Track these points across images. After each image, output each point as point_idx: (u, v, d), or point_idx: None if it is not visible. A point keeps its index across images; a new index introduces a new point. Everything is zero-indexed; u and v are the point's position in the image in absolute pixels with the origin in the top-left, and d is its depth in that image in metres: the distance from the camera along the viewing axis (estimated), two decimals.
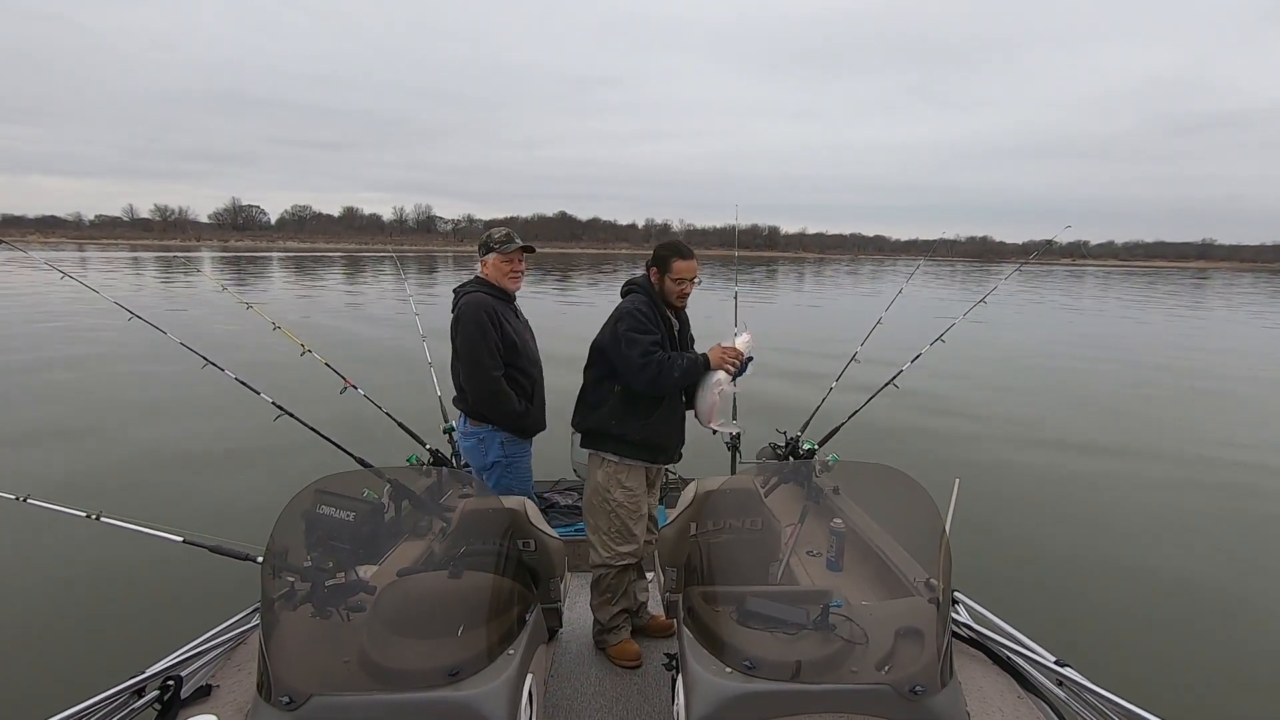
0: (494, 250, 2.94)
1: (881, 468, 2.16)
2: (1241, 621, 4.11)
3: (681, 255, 2.70)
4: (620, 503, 2.77)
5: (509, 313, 3.00)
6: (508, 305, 3.02)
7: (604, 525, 2.81)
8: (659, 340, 2.63)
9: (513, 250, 2.95)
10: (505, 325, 2.93)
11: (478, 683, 1.60)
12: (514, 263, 2.98)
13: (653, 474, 2.91)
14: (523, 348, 3.00)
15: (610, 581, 2.85)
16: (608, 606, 2.88)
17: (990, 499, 5.88)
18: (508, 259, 2.96)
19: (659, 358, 2.58)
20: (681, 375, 2.60)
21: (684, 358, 2.63)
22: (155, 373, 10.84)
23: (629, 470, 2.77)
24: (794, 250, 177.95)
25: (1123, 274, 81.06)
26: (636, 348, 2.58)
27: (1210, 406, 9.77)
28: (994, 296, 4.06)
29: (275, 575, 1.77)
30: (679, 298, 2.74)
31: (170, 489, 6.28)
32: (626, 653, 2.87)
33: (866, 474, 2.68)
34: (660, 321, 2.70)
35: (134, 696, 1.79)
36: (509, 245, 2.94)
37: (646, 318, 2.64)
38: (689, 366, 2.61)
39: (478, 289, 2.96)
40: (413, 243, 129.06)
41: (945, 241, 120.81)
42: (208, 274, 30.48)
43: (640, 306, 2.67)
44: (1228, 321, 23.47)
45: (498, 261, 2.96)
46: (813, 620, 1.73)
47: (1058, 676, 1.90)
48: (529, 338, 3.09)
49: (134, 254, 57.93)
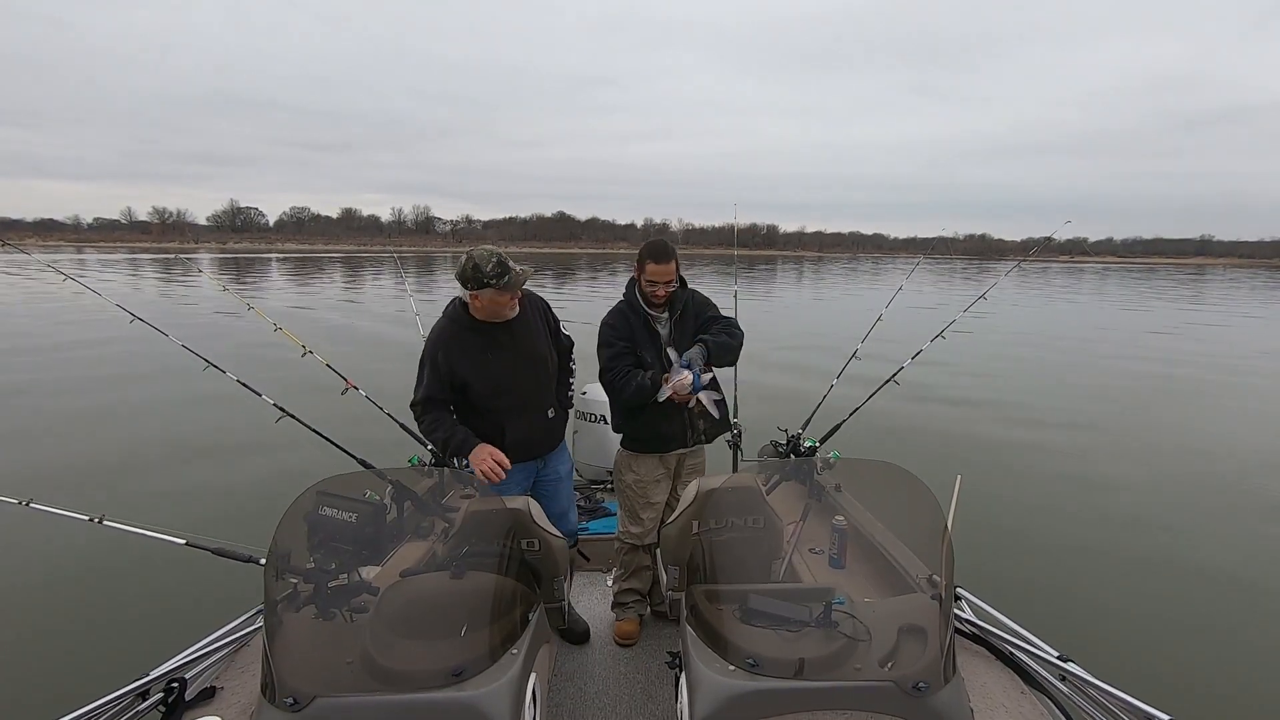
0: (487, 284, 2.48)
1: (883, 464, 2.17)
2: (1245, 615, 4.11)
3: (655, 258, 2.71)
4: (630, 485, 2.97)
5: (473, 344, 2.62)
6: (478, 334, 2.63)
7: (621, 503, 3.06)
8: (620, 352, 2.78)
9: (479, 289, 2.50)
10: (460, 357, 2.62)
11: (481, 683, 1.61)
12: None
13: (670, 460, 2.99)
14: (485, 379, 2.65)
15: (623, 557, 3.06)
16: (619, 580, 3.10)
17: (992, 495, 5.88)
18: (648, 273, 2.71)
19: (618, 371, 2.76)
20: (632, 394, 2.73)
21: (635, 380, 2.73)
22: (157, 375, 10.85)
23: (638, 458, 2.95)
24: (793, 249, 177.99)
25: (1120, 270, 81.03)
26: (601, 361, 2.82)
27: (1213, 400, 9.77)
28: (994, 292, 4.06)
29: (278, 577, 1.77)
30: (653, 299, 2.78)
31: (173, 491, 6.29)
32: (622, 630, 3.05)
33: (868, 471, 2.68)
34: (637, 328, 2.80)
35: (138, 699, 1.79)
36: (474, 285, 2.49)
37: (614, 329, 2.81)
38: (637, 389, 2.71)
39: (451, 311, 2.67)
40: (411, 243, 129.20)
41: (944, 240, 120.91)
42: (208, 274, 30.46)
43: (612, 320, 2.84)
44: (1229, 315, 23.46)
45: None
46: (815, 618, 1.73)
47: (1061, 672, 1.90)
48: (516, 364, 2.69)
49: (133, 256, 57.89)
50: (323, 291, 29.09)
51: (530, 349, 2.74)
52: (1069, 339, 16.56)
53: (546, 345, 2.81)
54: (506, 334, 2.67)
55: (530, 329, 2.75)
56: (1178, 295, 36.12)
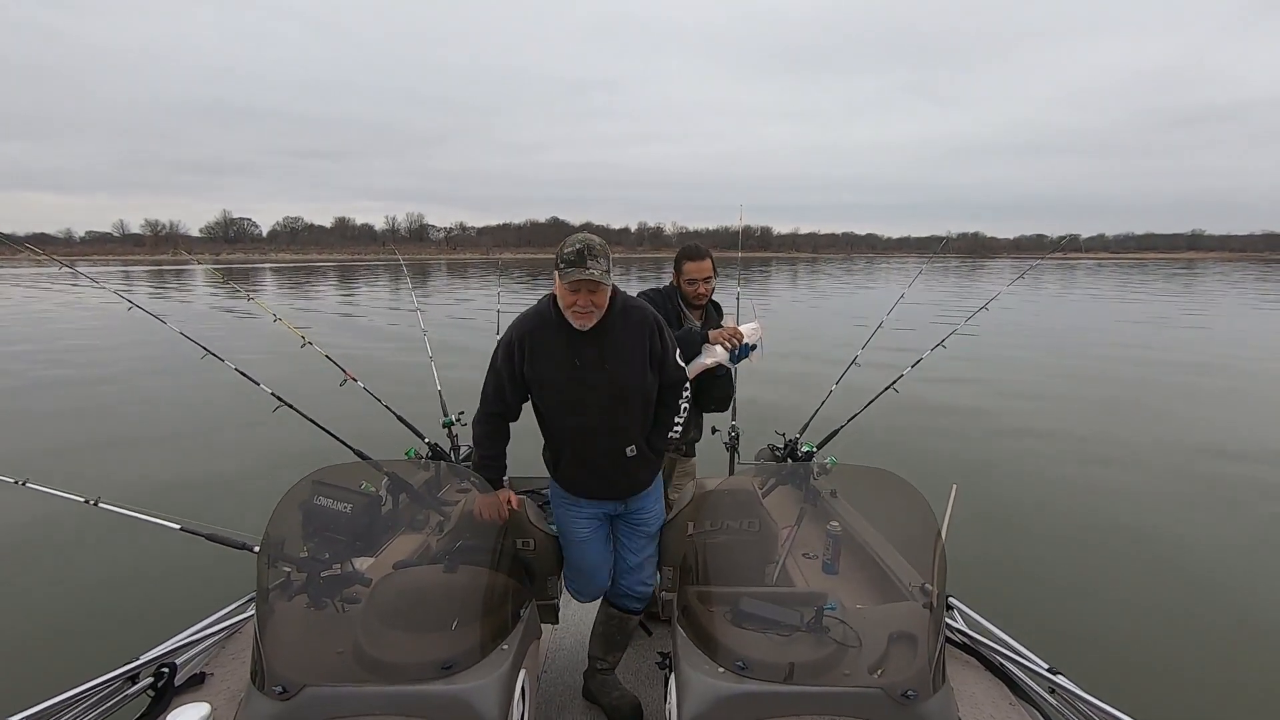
0: (557, 270, 2.13)
1: (879, 472, 2.17)
2: (1236, 632, 4.11)
3: (690, 257, 2.91)
4: None
5: (558, 343, 2.23)
6: (565, 333, 2.22)
7: None
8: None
9: (573, 279, 2.09)
10: (537, 359, 2.26)
11: (470, 677, 1.61)
12: (577, 294, 2.13)
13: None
14: (554, 389, 2.27)
15: None
16: None
17: (986, 506, 5.88)
18: (566, 283, 2.12)
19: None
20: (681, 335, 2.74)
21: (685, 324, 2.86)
22: (154, 362, 10.85)
23: None
24: (787, 250, 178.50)
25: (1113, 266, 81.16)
26: None
27: (1208, 405, 9.75)
28: (990, 292, 4.07)
29: (271, 565, 1.78)
30: (696, 297, 2.93)
31: (168, 477, 6.29)
32: None
33: (864, 478, 2.68)
34: (670, 316, 2.86)
35: (128, 683, 1.80)
36: (569, 271, 2.08)
37: (653, 303, 2.85)
38: (683, 337, 2.71)
39: (540, 305, 2.30)
40: (405, 251, 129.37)
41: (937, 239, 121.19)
42: (207, 276, 30.46)
43: (652, 295, 2.95)
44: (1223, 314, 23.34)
45: (559, 285, 2.17)
46: (807, 622, 1.73)
47: (1050, 684, 1.90)
48: (594, 385, 2.24)
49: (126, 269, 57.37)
50: (322, 296, 29.03)
51: (614, 373, 2.25)
52: (1067, 337, 16.49)
53: (641, 374, 2.30)
54: (594, 347, 2.23)
55: (622, 351, 2.26)
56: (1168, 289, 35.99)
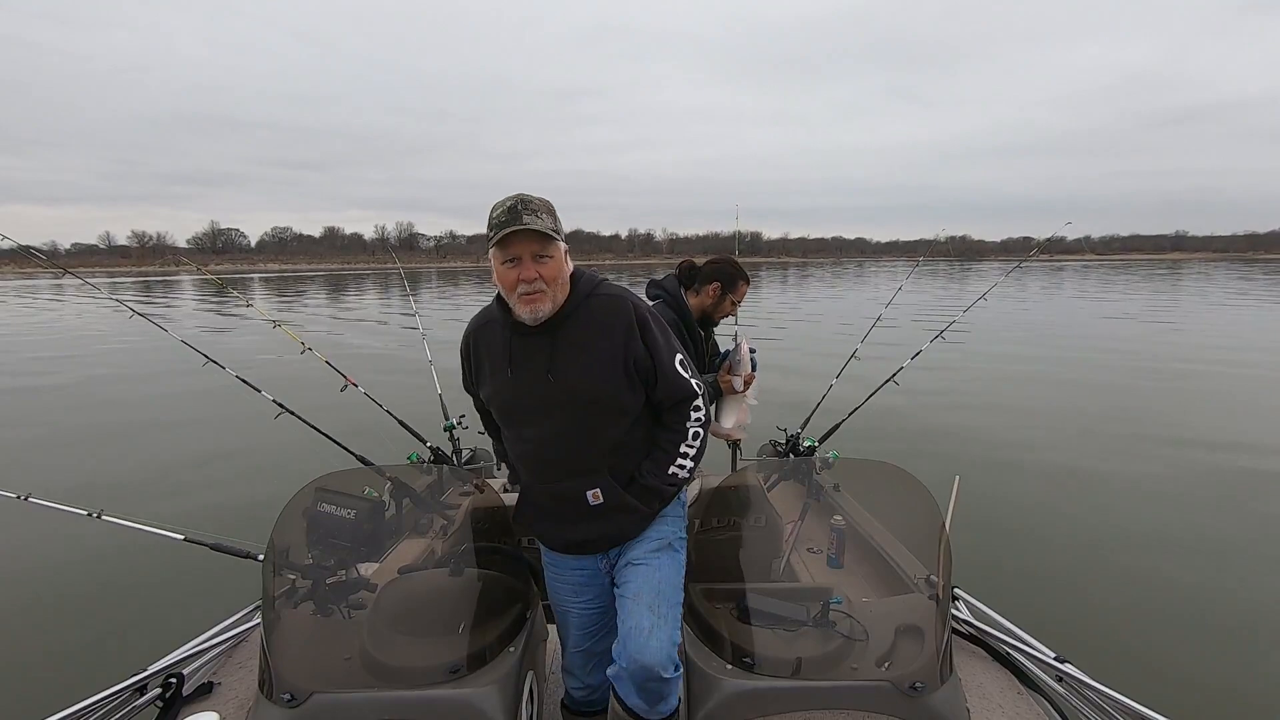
0: (490, 246, 1.60)
1: (881, 465, 2.17)
2: (1242, 617, 4.11)
3: (745, 277, 2.75)
4: None
5: (496, 343, 1.71)
6: (508, 330, 1.68)
7: None
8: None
9: (507, 244, 1.57)
10: (481, 366, 1.77)
11: (478, 680, 1.61)
12: (516, 266, 1.58)
13: None
14: (499, 402, 1.75)
15: None
16: None
17: (990, 495, 5.88)
18: (501, 257, 1.59)
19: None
20: None
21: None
22: (156, 371, 10.85)
23: None
24: (777, 255, 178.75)
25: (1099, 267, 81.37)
26: None
27: (1207, 397, 9.76)
28: (983, 290, 4.08)
29: (276, 573, 1.77)
30: (725, 315, 2.80)
31: (171, 487, 6.29)
32: None
33: (867, 471, 2.68)
34: (688, 336, 2.62)
35: (136, 694, 1.80)
36: (503, 235, 1.56)
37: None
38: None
39: (490, 305, 1.78)
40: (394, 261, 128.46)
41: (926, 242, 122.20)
42: (196, 286, 30.44)
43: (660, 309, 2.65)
44: (1214, 308, 23.37)
45: (495, 261, 1.62)
46: (813, 617, 1.74)
47: (1057, 673, 1.90)
48: (540, 395, 1.66)
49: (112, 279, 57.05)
50: (315, 304, 29.04)
51: (564, 381, 1.64)
52: (1066, 337, 16.53)
53: (608, 380, 1.65)
54: (539, 346, 1.66)
55: (579, 350, 1.65)
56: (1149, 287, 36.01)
